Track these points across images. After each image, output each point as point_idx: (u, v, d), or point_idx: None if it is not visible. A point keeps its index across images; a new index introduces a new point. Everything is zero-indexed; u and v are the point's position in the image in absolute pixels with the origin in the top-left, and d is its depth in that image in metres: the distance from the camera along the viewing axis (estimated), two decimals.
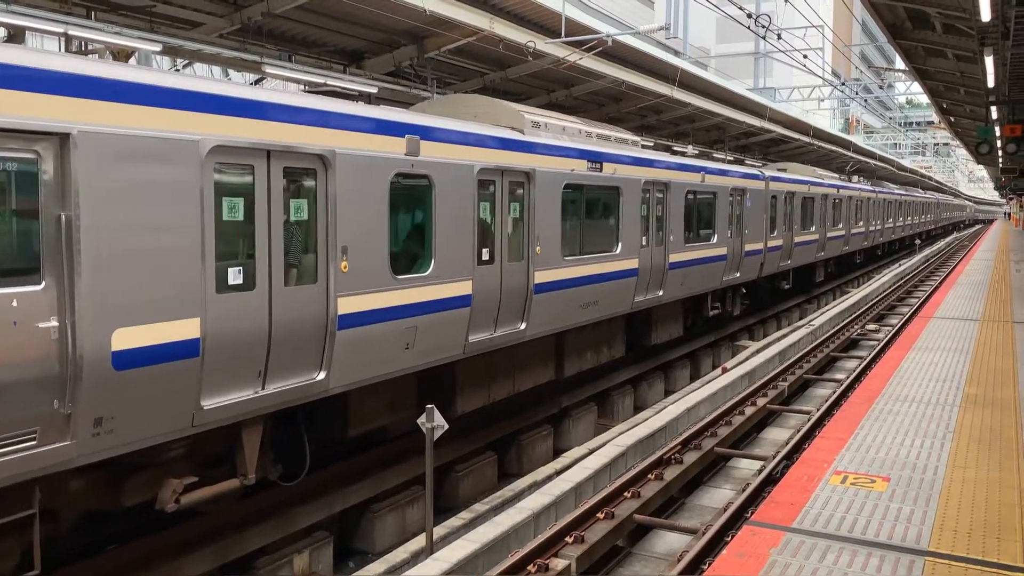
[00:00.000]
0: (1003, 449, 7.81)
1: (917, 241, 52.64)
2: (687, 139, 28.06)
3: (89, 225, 5.82)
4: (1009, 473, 7.16)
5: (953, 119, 26.88)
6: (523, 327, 10.98)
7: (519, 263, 10.88)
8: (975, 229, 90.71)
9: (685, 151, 19.51)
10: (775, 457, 9.98)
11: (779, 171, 24.00)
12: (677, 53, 32.16)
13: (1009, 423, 8.67)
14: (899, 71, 30.44)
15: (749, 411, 12.17)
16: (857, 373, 14.29)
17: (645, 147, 16.10)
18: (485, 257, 10.19)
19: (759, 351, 17.36)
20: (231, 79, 13.81)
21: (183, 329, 6.48)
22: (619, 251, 13.35)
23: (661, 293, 14.95)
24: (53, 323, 5.66)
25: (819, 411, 11.87)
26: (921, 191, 60.61)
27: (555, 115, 12.73)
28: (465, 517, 9.40)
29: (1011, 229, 69.12)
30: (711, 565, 5.67)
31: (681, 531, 8.48)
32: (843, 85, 35.37)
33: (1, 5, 8.86)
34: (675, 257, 15.36)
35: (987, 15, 10.31)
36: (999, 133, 21.25)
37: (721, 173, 17.88)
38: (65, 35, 9.48)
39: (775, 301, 25.78)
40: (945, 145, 73.65)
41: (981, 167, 64.80)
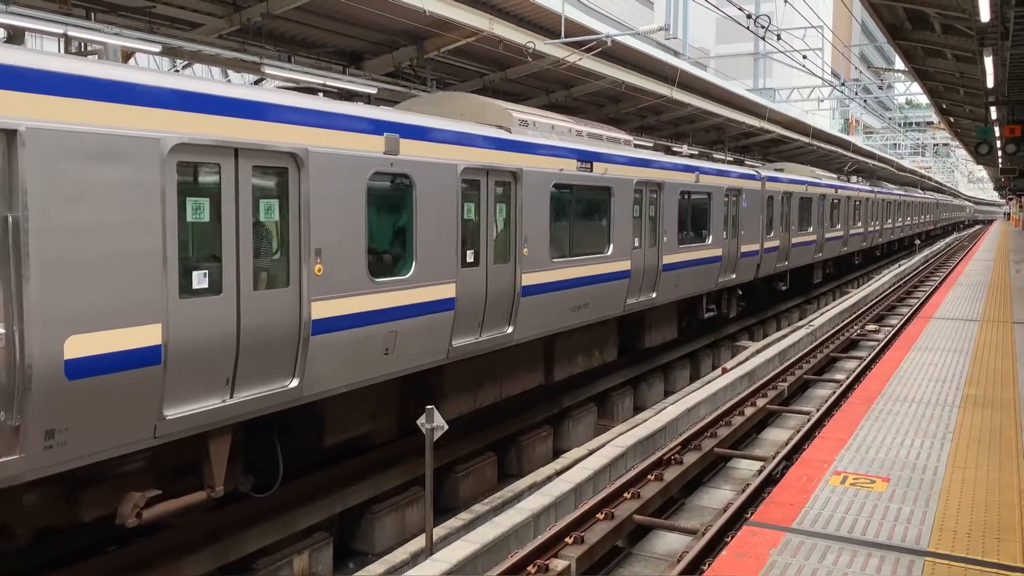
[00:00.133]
0: (1003, 449, 7.81)
1: (917, 241, 52.66)
2: (687, 140, 28.06)
3: (39, 227, 5.54)
4: (1009, 473, 7.16)
5: (953, 119, 26.89)
6: (510, 331, 10.73)
7: (506, 265, 10.62)
8: (975, 229, 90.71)
9: (682, 151, 19.36)
10: (775, 458, 9.97)
11: (776, 171, 23.81)
12: (677, 54, 32.16)
13: (1009, 423, 8.67)
14: (899, 71, 30.46)
15: (749, 412, 12.17)
16: (857, 373, 14.29)
17: (639, 146, 15.96)
18: (470, 259, 9.93)
19: (759, 351, 17.35)
20: (230, 80, 13.81)
21: (143, 336, 6.20)
22: (610, 252, 13.13)
23: (654, 295, 14.76)
24: None
25: (819, 411, 11.87)
26: (920, 191, 60.59)
27: (545, 114, 12.53)
28: (465, 518, 9.40)
29: (1011, 229, 69.13)
30: (711, 565, 5.67)
31: (681, 532, 8.47)
32: (843, 86, 35.38)
33: (0, 6, 8.86)
34: (669, 258, 15.16)
35: (986, 15, 10.31)
36: (999, 133, 21.27)
37: (716, 173, 17.67)
38: (64, 36, 9.48)
39: (774, 302, 25.69)
40: (945, 146, 73.68)
41: (981, 168, 64.83)
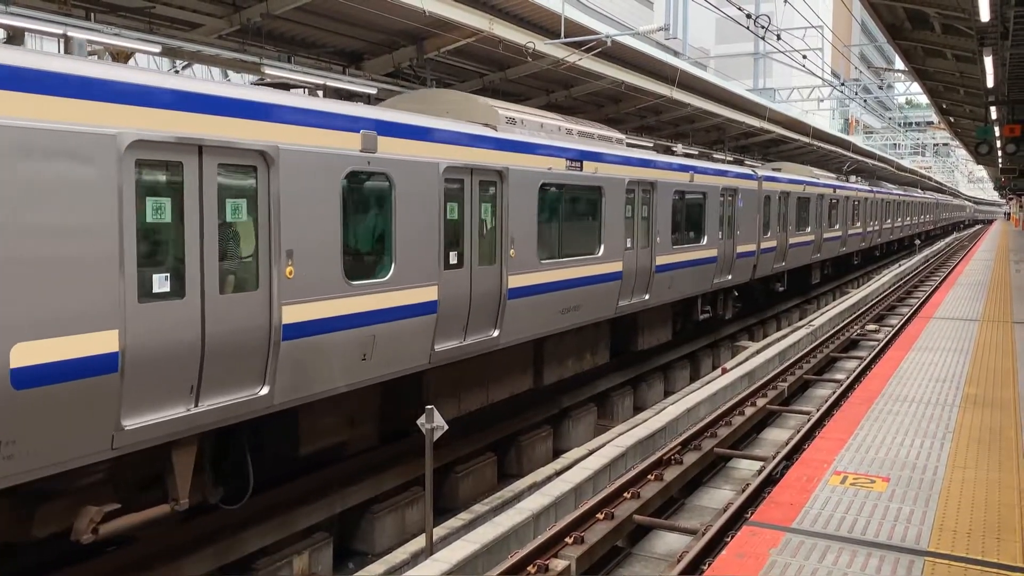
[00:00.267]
0: (1003, 449, 7.80)
1: (917, 241, 52.65)
2: (687, 140, 28.07)
3: None
4: (1009, 473, 7.16)
5: (952, 119, 26.90)
6: (496, 334, 10.46)
7: (491, 267, 10.35)
8: (975, 229, 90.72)
9: (676, 150, 19.16)
10: (775, 457, 9.97)
11: (774, 171, 23.60)
12: (676, 54, 32.17)
13: (1009, 423, 8.67)
14: (898, 71, 30.46)
15: (749, 411, 12.16)
16: (857, 373, 14.29)
17: (632, 145, 15.75)
18: (453, 261, 9.66)
19: (759, 352, 17.36)
20: (230, 80, 13.81)
21: (98, 342, 5.88)
22: (601, 253, 12.85)
23: (647, 297, 14.47)
24: None
25: (819, 411, 11.87)
26: (920, 191, 60.58)
27: (533, 111, 12.26)
28: (465, 518, 9.40)
29: (1011, 229, 69.12)
30: (711, 565, 5.67)
31: (681, 531, 8.47)
32: (842, 86, 35.38)
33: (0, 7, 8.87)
34: (662, 259, 14.90)
35: (986, 15, 10.31)
36: (999, 133, 21.27)
37: (711, 173, 17.40)
38: (64, 36, 9.48)
39: (772, 303, 25.58)
40: (945, 145, 73.69)
41: (981, 167, 64.82)
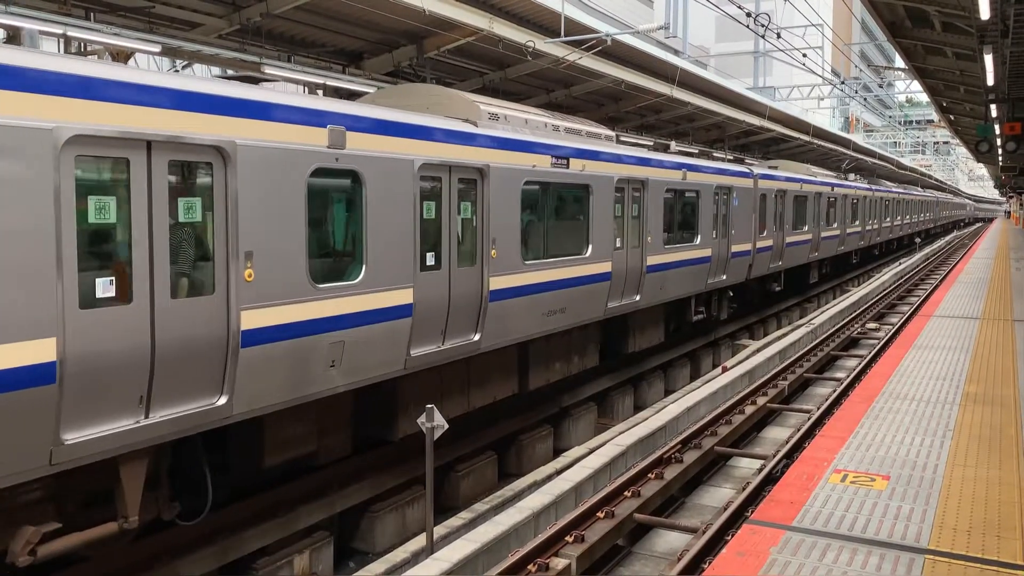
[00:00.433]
0: (1003, 447, 7.80)
1: (917, 240, 52.63)
2: (687, 139, 28.08)
3: None
4: (1009, 471, 7.16)
5: (953, 117, 26.89)
6: (477, 338, 10.07)
7: (471, 268, 9.96)
8: (975, 228, 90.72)
9: (670, 147, 18.91)
10: (775, 456, 9.97)
11: (770, 168, 23.27)
12: (676, 52, 32.19)
13: (1009, 421, 8.67)
14: (899, 69, 30.46)
15: (749, 410, 12.16)
16: (857, 372, 14.29)
17: (632, 144, 15.61)
18: (430, 262, 9.27)
19: (759, 350, 17.36)
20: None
21: (33, 351, 5.51)
22: (589, 254, 12.46)
23: (638, 298, 14.12)
24: None
25: (819, 410, 11.87)
26: (920, 189, 60.57)
27: (518, 107, 11.93)
28: (465, 517, 9.41)
29: (1011, 227, 69.10)
30: (711, 564, 5.68)
31: (681, 530, 8.47)
32: (843, 84, 35.37)
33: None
34: (653, 259, 14.53)
35: (986, 13, 10.30)
36: (999, 131, 21.24)
37: (704, 170, 17.04)
38: (64, 36, 9.49)
39: (770, 302, 25.42)
40: (945, 144, 73.72)
41: (981, 165, 64.81)
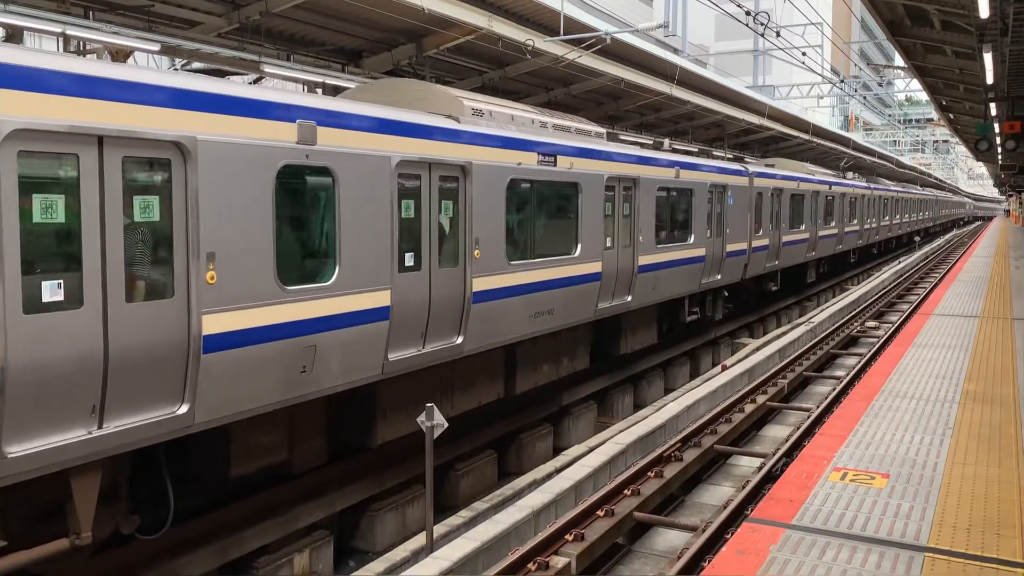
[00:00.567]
0: (1002, 445, 7.81)
1: (916, 238, 52.64)
2: (687, 137, 28.09)
3: None
4: (1008, 469, 7.16)
5: (952, 116, 26.89)
6: (460, 341, 9.75)
7: (453, 269, 9.66)
8: (974, 226, 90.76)
9: (663, 144, 18.78)
10: (775, 454, 9.98)
11: (767, 167, 23.03)
12: (676, 51, 32.20)
13: (1009, 419, 8.67)
14: (898, 68, 30.47)
15: (749, 408, 12.17)
16: (857, 370, 14.29)
17: (612, 138, 15.31)
18: (409, 263, 8.95)
19: (758, 349, 17.37)
20: (229, 79, 13.80)
21: None
22: (578, 254, 12.16)
23: (630, 299, 13.82)
24: None
25: (819, 408, 11.87)
26: (919, 188, 60.58)
27: (504, 103, 11.65)
28: (465, 515, 9.41)
29: (1010, 226, 69.12)
30: (711, 562, 5.68)
31: (681, 528, 8.48)
32: (842, 82, 35.39)
33: None
34: (645, 259, 14.25)
35: (985, 12, 10.30)
36: (998, 130, 21.25)
37: (698, 168, 16.76)
38: (63, 35, 9.49)
39: (768, 302, 25.31)
40: (944, 142, 73.77)
41: (981, 164, 64.84)
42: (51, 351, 5.68)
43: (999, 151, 27.33)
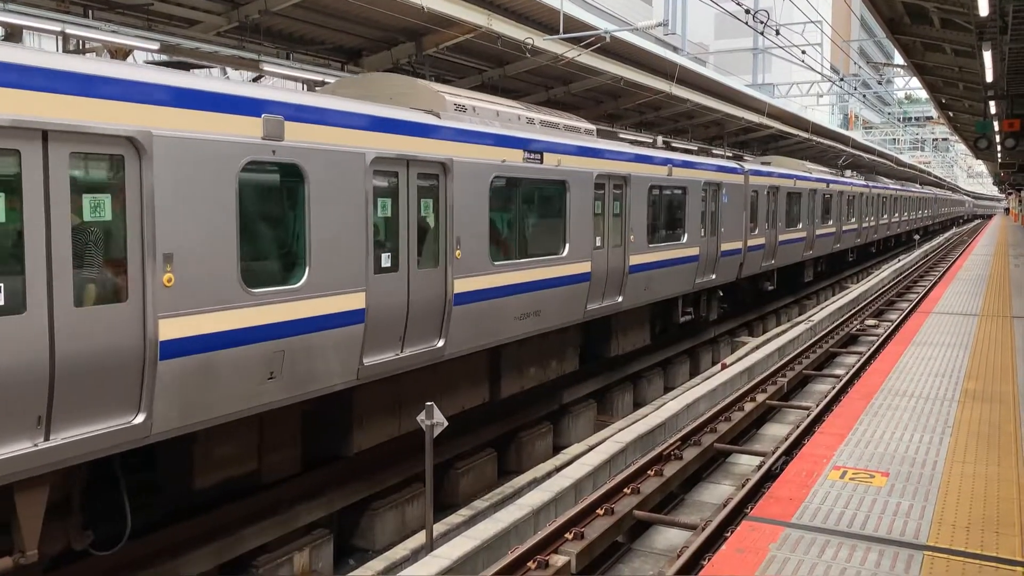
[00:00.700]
0: (1002, 444, 7.82)
1: (916, 237, 52.65)
2: (686, 136, 28.10)
3: None
4: (1008, 468, 7.17)
5: (952, 114, 26.89)
6: (441, 344, 9.47)
7: (433, 270, 9.36)
8: (974, 224, 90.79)
9: (655, 142, 18.62)
10: (774, 453, 9.98)
11: (763, 164, 22.82)
12: (676, 49, 32.20)
13: (1008, 418, 8.68)
14: (898, 66, 30.48)
15: (748, 407, 12.18)
16: (856, 369, 14.31)
17: (601, 134, 15.14)
18: (385, 264, 8.65)
19: (758, 347, 17.37)
20: (229, 78, 13.79)
21: None
22: (566, 254, 11.87)
23: (620, 299, 13.57)
24: None
25: (818, 407, 11.88)
26: (918, 186, 60.57)
27: (489, 98, 11.37)
28: (465, 514, 9.42)
29: (1010, 224, 69.13)
30: (710, 561, 5.68)
31: (681, 527, 8.49)
32: (842, 81, 35.38)
33: None
34: (636, 259, 13.98)
35: (985, 10, 10.30)
36: (998, 128, 21.24)
37: (691, 166, 16.52)
38: (62, 34, 9.49)
39: (768, 301, 25.20)
40: (944, 140, 73.73)
41: (980, 162, 64.86)
42: None
43: (998, 149, 27.32)
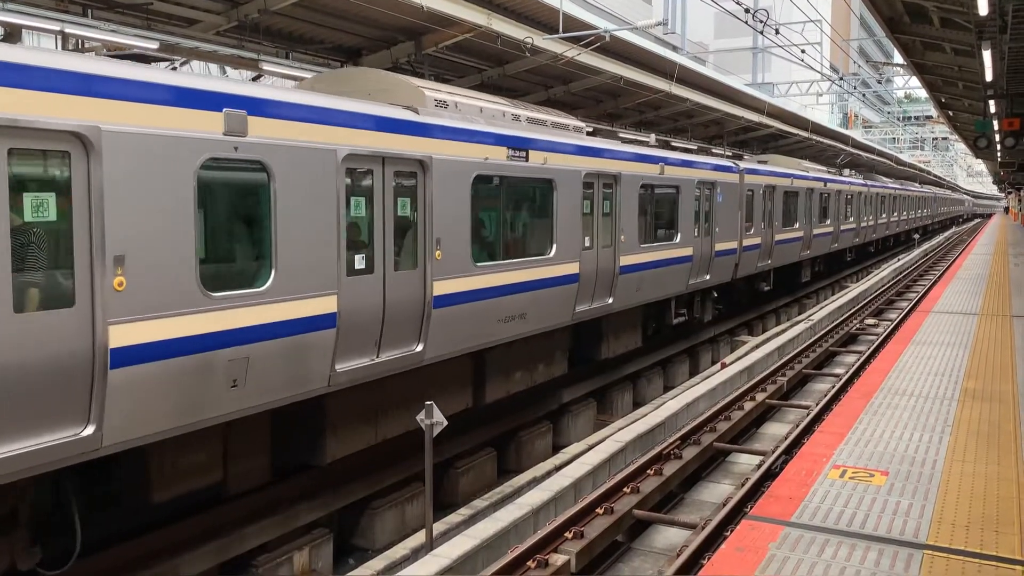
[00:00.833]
0: (1001, 443, 7.82)
1: (915, 236, 52.63)
2: (686, 135, 28.10)
3: None
4: (1007, 467, 7.17)
5: (951, 113, 26.89)
6: (420, 348, 9.15)
7: (412, 271, 9.04)
8: (974, 223, 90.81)
9: (650, 140, 18.46)
10: (774, 452, 9.99)
11: (759, 163, 22.58)
12: (675, 48, 32.20)
13: (1008, 417, 8.68)
14: (897, 65, 30.48)
15: (748, 406, 12.18)
16: (856, 368, 14.31)
17: (592, 133, 14.91)
18: (359, 265, 8.30)
19: (758, 346, 17.37)
20: (228, 77, 13.79)
21: None
22: (553, 254, 11.57)
23: (611, 301, 13.29)
24: None
25: (818, 406, 11.89)
26: (918, 185, 60.55)
27: (472, 94, 11.12)
28: (465, 513, 9.42)
29: (1009, 223, 69.14)
30: (710, 560, 5.68)
31: (680, 526, 8.49)
32: (841, 80, 35.38)
33: None
34: (627, 260, 13.66)
35: (985, 9, 10.30)
36: (997, 127, 21.25)
37: (685, 164, 16.26)
38: (61, 33, 9.48)
39: (767, 300, 25.08)
40: (944, 140, 73.74)
41: (980, 161, 64.87)
42: None
43: (998, 148, 27.34)
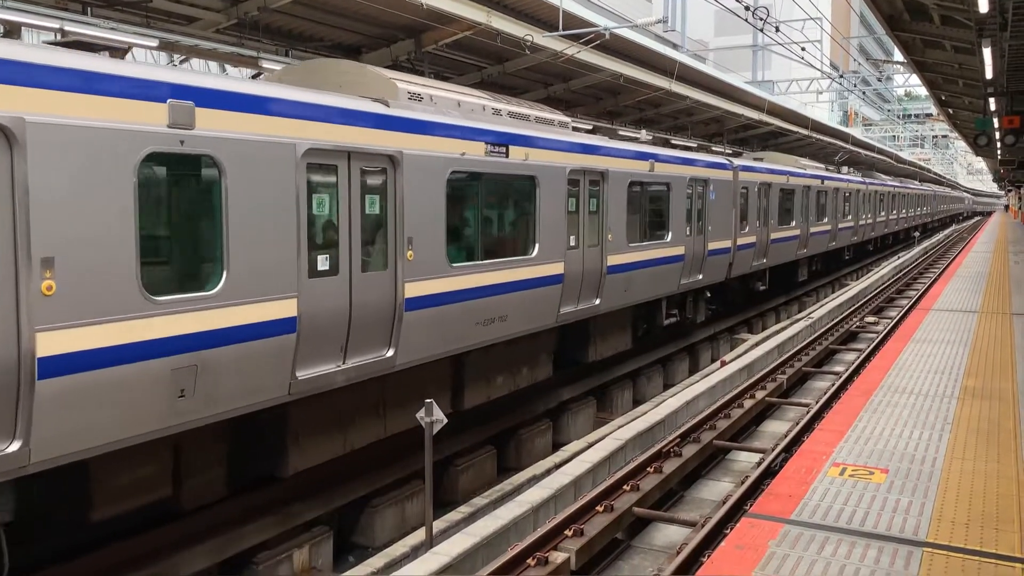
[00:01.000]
0: (1001, 441, 7.82)
1: (915, 234, 52.60)
2: (686, 133, 28.09)
3: None
4: (1007, 464, 7.17)
5: (951, 111, 26.89)
6: (390, 354, 8.75)
7: (381, 273, 8.61)
8: (974, 221, 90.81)
9: (639, 136, 18.34)
10: (774, 449, 9.99)
11: (755, 160, 22.21)
12: (675, 46, 32.17)
13: (1007, 414, 8.68)
14: (897, 63, 30.46)
15: (748, 404, 12.18)
16: (856, 365, 14.31)
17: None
18: (322, 267, 7.88)
19: (758, 344, 17.37)
20: (228, 75, 13.77)
21: None
22: (536, 254, 11.17)
23: (598, 302, 12.90)
24: None
25: (818, 403, 11.89)
26: (918, 183, 60.50)
27: (449, 87, 10.76)
28: (465, 511, 9.42)
29: (1009, 221, 69.13)
30: (710, 557, 5.69)
31: (680, 524, 8.49)
32: (841, 78, 35.36)
33: None
34: (615, 259, 13.26)
35: (985, 6, 10.30)
36: (997, 125, 21.24)
37: (676, 161, 15.86)
38: (61, 31, 9.47)
39: (767, 299, 24.93)
40: (944, 137, 73.72)
41: (980, 159, 64.86)
42: None
43: (998, 146, 27.33)
